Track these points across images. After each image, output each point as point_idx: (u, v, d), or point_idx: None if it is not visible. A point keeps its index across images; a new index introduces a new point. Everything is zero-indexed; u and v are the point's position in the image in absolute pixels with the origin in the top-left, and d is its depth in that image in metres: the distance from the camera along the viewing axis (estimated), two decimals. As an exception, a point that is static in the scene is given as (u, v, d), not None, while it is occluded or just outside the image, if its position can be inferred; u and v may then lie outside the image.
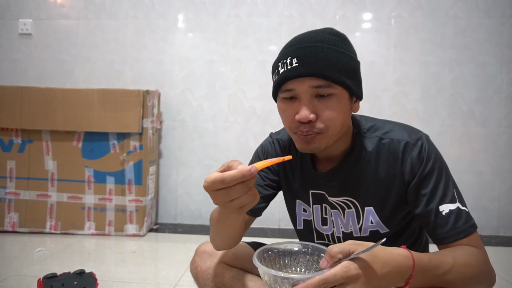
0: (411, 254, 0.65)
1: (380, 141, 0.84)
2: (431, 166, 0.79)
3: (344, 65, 0.76)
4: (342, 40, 0.79)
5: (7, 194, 2.20)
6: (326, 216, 0.92)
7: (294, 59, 0.75)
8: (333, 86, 0.75)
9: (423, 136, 0.82)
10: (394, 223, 0.86)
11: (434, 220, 0.76)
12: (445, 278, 0.68)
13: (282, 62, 0.77)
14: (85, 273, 1.33)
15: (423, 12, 2.36)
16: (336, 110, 0.76)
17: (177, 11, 2.50)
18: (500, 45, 2.32)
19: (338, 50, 0.76)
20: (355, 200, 0.86)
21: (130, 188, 2.18)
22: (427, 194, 0.78)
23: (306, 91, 0.75)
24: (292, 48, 0.77)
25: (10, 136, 2.19)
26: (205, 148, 2.50)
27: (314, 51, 0.75)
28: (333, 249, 0.62)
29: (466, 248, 0.74)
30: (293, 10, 2.42)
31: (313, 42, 0.76)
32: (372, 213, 0.85)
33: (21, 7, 2.60)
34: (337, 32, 0.80)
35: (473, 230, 0.76)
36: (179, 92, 2.51)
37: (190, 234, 2.30)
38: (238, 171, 0.59)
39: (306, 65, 0.74)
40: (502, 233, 2.35)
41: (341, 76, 0.75)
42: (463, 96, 2.35)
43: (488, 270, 0.75)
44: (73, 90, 2.16)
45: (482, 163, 2.35)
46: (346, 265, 0.59)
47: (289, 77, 0.75)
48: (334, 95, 0.75)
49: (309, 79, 0.74)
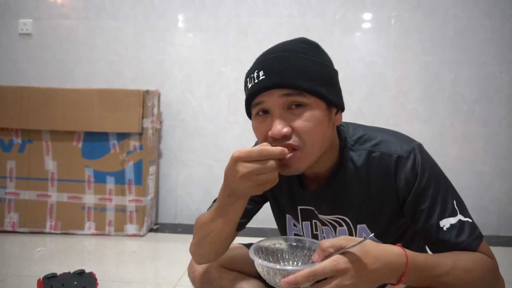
0: (404, 251, 0.64)
1: (370, 155, 0.78)
2: (427, 180, 0.74)
3: (315, 72, 0.71)
4: (313, 47, 0.75)
5: (7, 194, 2.20)
6: (317, 232, 0.90)
7: (260, 71, 0.72)
8: (304, 95, 0.70)
9: (415, 147, 0.76)
10: (388, 237, 0.83)
11: (436, 237, 0.73)
12: (441, 280, 0.66)
13: (250, 77, 0.74)
14: (85, 273, 1.33)
15: (423, 12, 2.36)
16: (311, 121, 0.70)
17: (177, 11, 2.50)
18: (500, 45, 2.32)
19: (307, 58, 0.72)
20: (347, 218, 0.83)
21: (130, 188, 2.18)
22: (425, 210, 0.73)
23: (276, 102, 0.70)
24: (258, 61, 0.75)
25: (10, 136, 2.19)
26: (205, 148, 2.50)
27: (280, 60, 0.71)
28: (324, 243, 0.63)
29: (472, 254, 0.71)
30: (293, 10, 2.42)
31: (279, 52, 0.73)
32: (365, 230, 0.82)
33: (21, 7, 2.60)
34: (308, 41, 0.77)
35: (477, 242, 0.72)
36: (179, 92, 2.51)
37: (190, 234, 2.28)
38: (277, 148, 0.66)
39: (272, 75, 0.70)
40: (502, 233, 2.35)
41: (313, 85, 0.70)
42: (463, 96, 2.35)
43: (494, 280, 0.71)
44: (73, 90, 2.16)
45: (482, 163, 2.35)
46: (336, 259, 0.60)
47: (257, 91, 0.72)
48: (307, 105, 0.70)
49: (277, 90, 0.70)
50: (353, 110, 2.35)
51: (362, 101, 2.37)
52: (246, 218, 0.92)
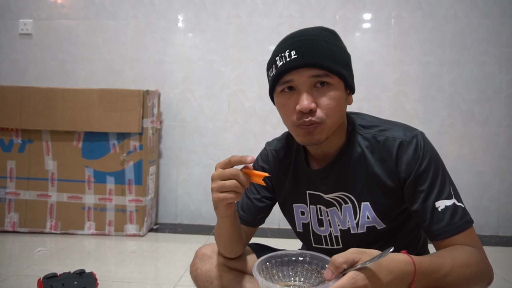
0: (412, 259, 0.65)
1: (375, 139, 0.85)
2: (427, 163, 0.79)
3: (338, 56, 0.79)
4: (333, 35, 0.83)
5: (7, 194, 2.20)
6: (322, 217, 0.93)
7: (292, 51, 0.77)
8: (331, 76, 0.77)
9: (418, 134, 0.83)
10: (390, 219, 0.86)
11: (430, 217, 0.77)
12: (445, 280, 0.68)
13: (280, 55, 0.79)
14: (85, 273, 1.34)
15: (423, 12, 2.36)
16: (335, 99, 0.78)
17: (177, 11, 2.50)
18: (500, 45, 2.32)
19: (332, 43, 0.79)
20: (351, 195, 0.87)
21: (130, 188, 2.18)
22: (424, 191, 0.78)
23: (305, 81, 0.77)
24: (289, 42, 0.79)
25: (10, 136, 2.19)
26: (205, 148, 2.50)
27: (311, 43, 0.77)
28: (337, 260, 0.61)
29: (464, 248, 0.74)
30: (293, 10, 2.42)
31: (308, 36, 0.79)
32: (368, 208, 0.86)
33: (21, 7, 2.60)
34: (328, 29, 0.84)
35: (468, 225, 0.76)
36: (179, 92, 2.51)
37: (190, 234, 2.30)
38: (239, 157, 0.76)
39: (305, 56, 0.76)
40: (502, 233, 2.35)
41: (338, 67, 0.77)
42: (462, 96, 2.35)
43: (486, 268, 0.75)
44: (73, 90, 2.16)
45: (482, 163, 2.35)
46: (353, 276, 0.58)
47: (289, 69, 0.77)
48: (332, 85, 0.78)
49: (308, 70, 0.76)
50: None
51: (362, 101, 2.37)
52: (262, 214, 1.01)
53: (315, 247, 0.96)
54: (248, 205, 0.99)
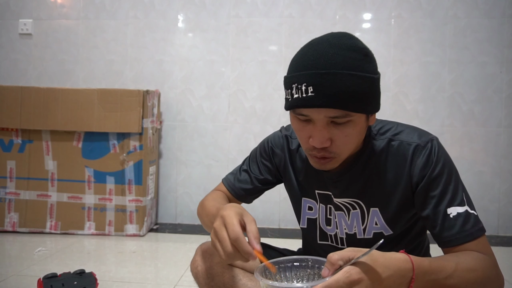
0: (409, 257, 0.65)
1: (390, 143, 0.83)
2: (441, 169, 0.78)
3: (364, 90, 0.70)
4: (364, 57, 0.73)
5: (7, 194, 2.20)
6: (330, 217, 0.92)
7: (310, 87, 0.69)
8: (351, 115, 0.71)
9: (433, 139, 0.82)
10: (398, 225, 0.85)
11: (442, 223, 0.76)
12: (447, 283, 0.67)
13: (297, 86, 0.71)
14: (85, 273, 1.34)
15: (423, 12, 2.36)
16: (352, 135, 0.74)
17: (177, 11, 2.50)
18: (500, 45, 2.32)
19: (359, 75, 0.70)
20: (361, 201, 0.86)
21: (130, 188, 2.18)
22: (436, 196, 0.77)
23: (322, 119, 0.71)
24: (308, 73, 0.70)
25: (10, 136, 2.19)
26: (205, 148, 2.50)
27: (333, 80, 0.68)
28: (333, 257, 0.62)
29: (470, 253, 0.72)
30: (293, 10, 2.42)
31: (331, 68, 0.68)
32: (377, 214, 0.85)
33: (21, 7, 2.60)
34: (358, 46, 0.74)
35: (480, 233, 0.75)
36: (179, 92, 2.51)
37: (190, 234, 2.30)
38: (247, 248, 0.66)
39: (324, 97, 0.68)
40: (502, 233, 2.35)
41: (361, 104, 0.71)
42: (463, 96, 2.35)
43: (495, 276, 0.73)
44: (73, 90, 2.16)
45: (482, 163, 2.35)
46: (347, 270, 0.59)
47: (304, 106, 0.71)
48: (351, 121, 0.72)
49: (326, 110, 0.70)
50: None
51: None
52: (257, 195, 1.01)
53: (320, 244, 0.95)
54: (246, 181, 1.00)
